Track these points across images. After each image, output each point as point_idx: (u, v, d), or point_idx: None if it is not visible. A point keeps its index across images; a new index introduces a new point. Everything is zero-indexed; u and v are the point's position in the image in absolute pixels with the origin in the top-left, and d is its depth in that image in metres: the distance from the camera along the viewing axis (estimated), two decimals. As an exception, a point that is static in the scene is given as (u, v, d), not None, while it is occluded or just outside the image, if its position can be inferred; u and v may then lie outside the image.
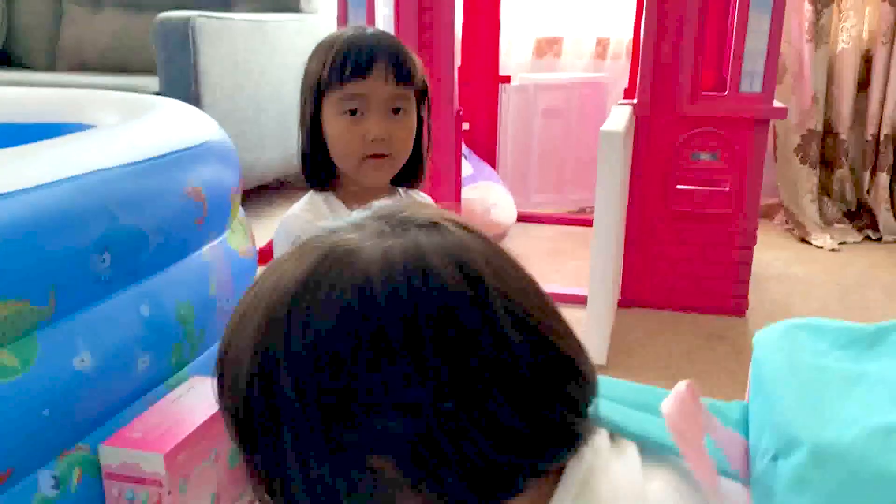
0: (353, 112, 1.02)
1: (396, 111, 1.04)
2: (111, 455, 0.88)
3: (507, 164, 2.68)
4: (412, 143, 1.08)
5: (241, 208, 1.37)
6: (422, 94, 1.09)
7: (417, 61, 1.06)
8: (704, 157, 1.76)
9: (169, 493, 0.88)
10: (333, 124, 1.04)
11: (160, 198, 1.04)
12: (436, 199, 1.17)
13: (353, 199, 1.09)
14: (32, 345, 0.82)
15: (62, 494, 0.84)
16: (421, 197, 1.17)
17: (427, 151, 1.14)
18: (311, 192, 1.12)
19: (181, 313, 1.05)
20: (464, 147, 2.44)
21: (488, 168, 2.56)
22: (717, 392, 1.43)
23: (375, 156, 1.04)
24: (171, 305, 1.03)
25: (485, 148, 2.68)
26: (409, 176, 1.13)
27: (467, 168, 2.38)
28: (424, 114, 1.11)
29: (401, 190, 1.15)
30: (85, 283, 0.88)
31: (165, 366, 1.02)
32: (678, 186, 1.79)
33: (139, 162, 1.02)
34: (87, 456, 0.88)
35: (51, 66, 3.15)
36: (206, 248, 1.15)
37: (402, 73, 1.03)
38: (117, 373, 0.92)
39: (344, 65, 1.01)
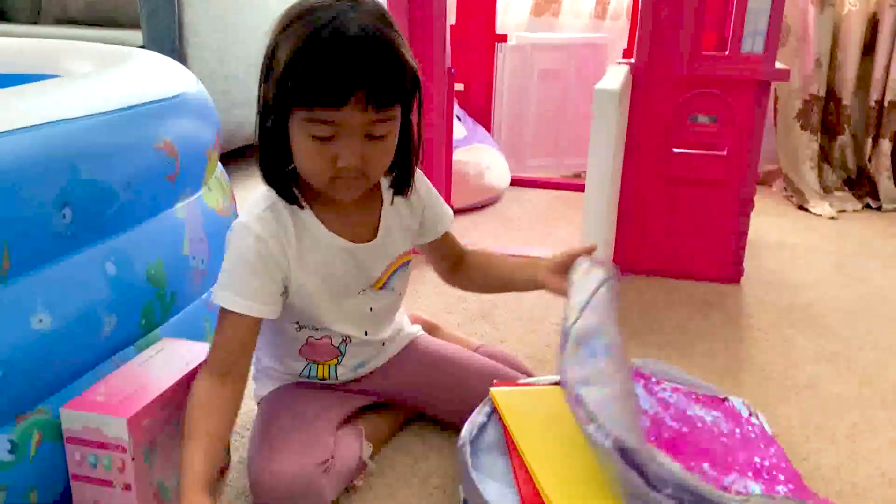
0: (323, 138, 0.86)
1: (374, 136, 0.88)
2: (73, 418, 0.84)
3: (502, 127, 2.62)
4: (391, 160, 0.94)
5: (221, 166, 1.32)
6: (411, 96, 0.92)
7: (408, 62, 0.88)
8: (703, 119, 1.70)
9: (133, 459, 0.84)
10: (299, 140, 0.88)
11: (128, 151, 0.99)
12: (426, 162, 1.11)
13: (330, 214, 0.97)
14: (-15, 303, 0.78)
15: (19, 459, 0.81)
16: (418, 179, 1.05)
17: (416, 157, 1.00)
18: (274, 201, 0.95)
19: (151, 273, 1.00)
20: (457, 108, 2.38)
21: (482, 130, 2.50)
22: (710, 359, 1.40)
23: (345, 175, 0.90)
24: (140, 265, 0.99)
25: (479, 109, 2.62)
26: (398, 184, 1.01)
27: (460, 130, 2.32)
28: (413, 115, 0.95)
29: (387, 196, 1.03)
30: (43, 240, 0.84)
31: (134, 327, 0.98)
32: (675, 150, 1.73)
33: (106, 113, 0.97)
34: (47, 420, 0.84)
35: (35, 20, 3.07)
36: (179, 206, 1.10)
37: (384, 97, 0.85)
38: (80, 334, 0.88)
39: (312, 89, 0.83)
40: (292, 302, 0.98)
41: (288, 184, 0.94)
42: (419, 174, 1.05)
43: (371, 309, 1.05)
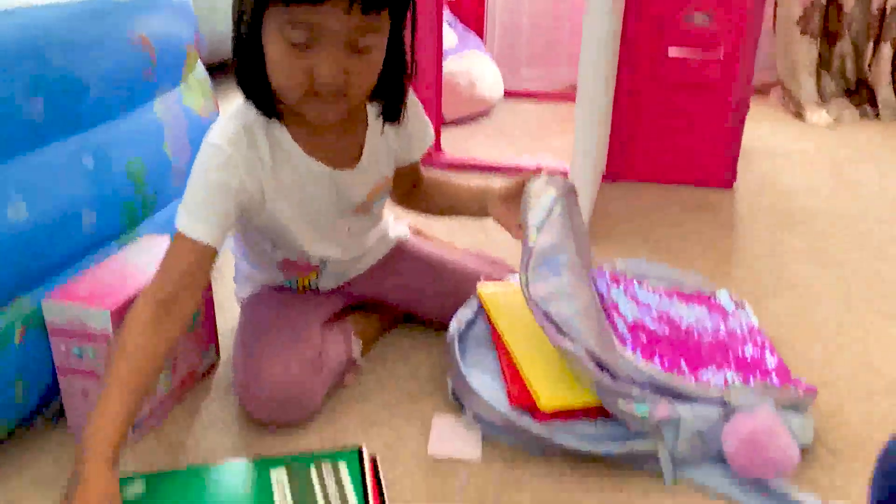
0: (300, 45, 0.78)
1: (357, 47, 0.80)
2: (55, 310, 0.84)
3: (496, 35, 2.55)
4: (375, 79, 0.85)
5: (203, 69, 1.29)
6: (404, 3, 0.83)
7: None
8: (699, 18, 1.65)
9: (118, 350, 0.84)
10: (274, 48, 0.79)
11: (101, 44, 0.96)
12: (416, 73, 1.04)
13: (309, 136, 0.90)
14: (-42, 192, 0.76)
15: (5, 349, 0.81)
16: (411, 103, 0.98)
17: (408, 82, 0.91)
18: (247, 107, 0.87)
19: (131, 170, 0.99)
20: (448, 14, 2.31)
21: (474, 37, 2.43)
22: (701, 263, 1.39)
23: (323, 92, 0.81)
24: (119, 161, 0.97)
25: (471, 16, 2.54)
26: (387, 112, 0.93)
27: (451, 38, 2.26)
28: (406, 31, 0.86)
29: (372, 117, 0.95)
30: (14, 127, 0.82)
31: (115, 224, 0.97)
32: (670, 52, 1.69)
33: (78, 4, 0.93)
34: (30, 312, 0.84)
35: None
36: (157, 104, 1.08)
37: None
38: (59, 227, 0.87)
39: None
40: (265, 225, 0.93)
41: (267, 97, 0.85)
42: (412, 98, 0.98)
43: (349, 229, 1.01)
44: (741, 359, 0.98)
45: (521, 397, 0.90)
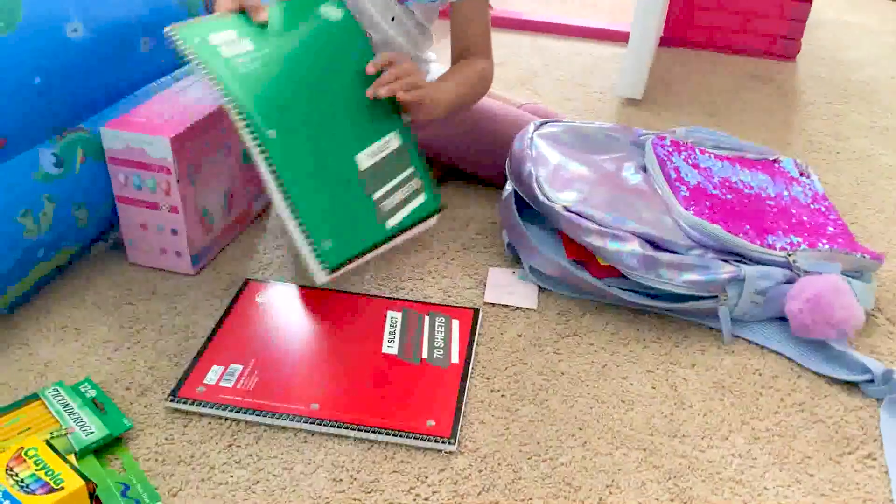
0: None
1: None
2: (114, 138, 0.82)
3: None
4: None
5: None
6: None
7: None
8: None
9: (178, 181, 0.83)
10: None
11: None
12: None
13: None
14: (15, 5, 0.73)
15: (66, 173, 0.80)
16: None
17: None
18: None
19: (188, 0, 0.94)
20: None
21: None
22: (762, 134, 1.35)
23: None
24: (173, -13, 0.93)
25: None
26: None
27: None
28: None
29: None
30: (70, -59, 0.77)
31: (170, 55, 0.93)
32: None
33: None
34: (89, 137, 0.82)
35: None
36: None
37: None
38: (115, 49, 0.84)
39: None
40: None
41: None
42: None
43: (394, 18, 1.00)
44: (806, 224, 0.96)
45: (580, 251, 0.89)
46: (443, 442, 0.68)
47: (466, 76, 1.01)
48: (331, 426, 0.68)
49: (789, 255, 0.87)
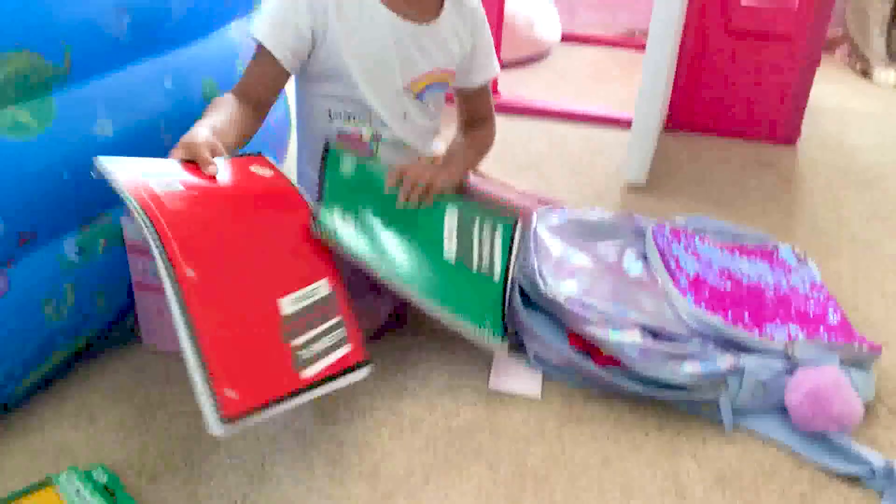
0: None
1: None
2: (133, 229, 0.86)
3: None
4: None
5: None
6: None
7: None
8: (775, -34, 1.60)
9: (194, 269, 0.86)
10: None
11: (184, -36, 0.96)
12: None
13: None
14: (49, 105, 0.78)
15: (88, 262, 0.83)
16: (481, 18, 1.06)
17: None
18: None
19: (206, 91, 0.99)
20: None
21: (534, -21, 2.38)
22: (762, 219, 1.38)
23: None
24: (195, 81, 0.98)
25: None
26: None
27: (512, -23, 2.21)
28: None
29: (447, 13, 1.01)
30: (103, 45, 0.83)
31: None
32: (743, 2, 1.64)
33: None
34: (112, 226, 0.86)
35: None
36: (233, 26, 1.08)
37: None
38: (140, 143, 0.88)
39: None
40: (329, 66, 0.96)
41: None
42: (483, 16, 1.06)
43: (405, 115, 1.03)
44: (804, 314, 0.97)
45: (583, 340, 0.91)
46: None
47: (477, 149, 1.12)
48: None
49: (788, 345, 0.89)
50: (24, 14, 0.73)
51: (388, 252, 0.88)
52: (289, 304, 0.76)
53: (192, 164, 0.78)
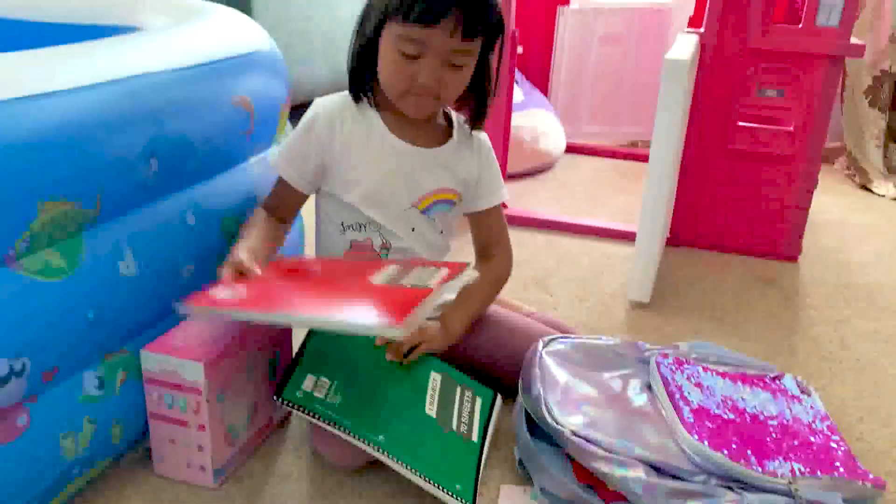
0: (409, 56, 0.96)
1: (453, 63, 0.98)
2: (152, 361, 0.89)
3: (559, 92, 2.60)
4: (462, 89, 1.03)
5: (289, 124, 1.35)
6: (493, 36, 1.01)
7: (497, 4, 0.98)
8: (771, 93, 1.67)
9: (207, 401, 0.88)
10: (387, 54, 0.99)
11: (208, 105, 1.02)
12: (486, 126, 1.12)
13: (397, 125, 1.06)
14: (79, 247, 0.82)
15: (106, 395, 0.86)
16: (487, 149, 1.14)
17: (490, 96, 1.08)
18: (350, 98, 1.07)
19: (225, 226, 1.04)
20: (516, 73, 2.37)
21: (539, 95, 2.49)
22: (764, 336, 1.40)
23: (421, 93, 1.00)
24: (216, 216, 1.03)
25: (537, 73, 2.60)
26: (474, 113, 1.09)
27: (518, 94, 2.31)
28: (493, 57, 1.04)
29: (456, 121, 1.11)
30: (131, 188, 0.88)
31: (210, 276, 1.02)
32: (740, 123, 1.71)
33: (188, 67, 1.00)
34: (131, 359, 0.89)
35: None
36: (253, 161, 1.14)
37: (471, 27, 0.95)
38: (162, 279, 0.92)
39: (412, 5, 0.93)
40: (335, 190, 1.06)
41: (365, 88, 1.05)
42: (490, 147, 1.14)
43: (413, 229, 1.09)
44: (807, 448, 0.98)
45: (588, 474, 0.92)
46: None
47: (490, 285, 1.15)
48: None
49: (791, 482, 0.89)
50: (63, 164, 0.78)
51: (365, 407, 0.94)
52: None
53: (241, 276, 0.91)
